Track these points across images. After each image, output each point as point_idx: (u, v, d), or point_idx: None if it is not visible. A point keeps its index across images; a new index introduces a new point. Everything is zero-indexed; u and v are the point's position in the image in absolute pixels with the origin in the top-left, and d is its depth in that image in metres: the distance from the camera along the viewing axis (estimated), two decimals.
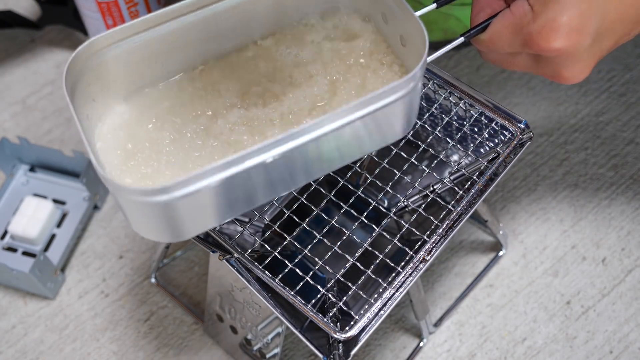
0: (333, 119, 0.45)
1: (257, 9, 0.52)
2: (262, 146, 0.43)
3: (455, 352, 0.68)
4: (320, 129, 0.45)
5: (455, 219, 0.54)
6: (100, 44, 0.47)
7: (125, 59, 0.50)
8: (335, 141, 0.46)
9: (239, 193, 0.46)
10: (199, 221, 0.46)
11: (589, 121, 0.81)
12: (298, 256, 0.54)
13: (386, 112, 0.46)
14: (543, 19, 0.46)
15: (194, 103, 0.53)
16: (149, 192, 0.42)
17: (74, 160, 0.76)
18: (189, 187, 0.43)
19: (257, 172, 0.45)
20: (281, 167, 0.45)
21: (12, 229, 0.73)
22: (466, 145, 0.60)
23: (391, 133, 0.50)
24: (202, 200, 0.44)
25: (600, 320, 0.69)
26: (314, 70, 0.53)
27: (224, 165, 0.43)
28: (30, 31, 0.93)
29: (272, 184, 0.47)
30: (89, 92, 0.49)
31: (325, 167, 0.49)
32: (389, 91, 0.45)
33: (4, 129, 0.85)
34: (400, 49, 0.52)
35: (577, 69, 0.48)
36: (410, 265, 0.52)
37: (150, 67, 0.51)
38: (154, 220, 0.45)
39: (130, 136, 0.51)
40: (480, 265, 0.73)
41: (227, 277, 0.59)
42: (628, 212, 0.75)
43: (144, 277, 0.74)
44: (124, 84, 0.51)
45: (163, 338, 0.70)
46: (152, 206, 0.43)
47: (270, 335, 0.61)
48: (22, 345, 0.70)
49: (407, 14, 0.48)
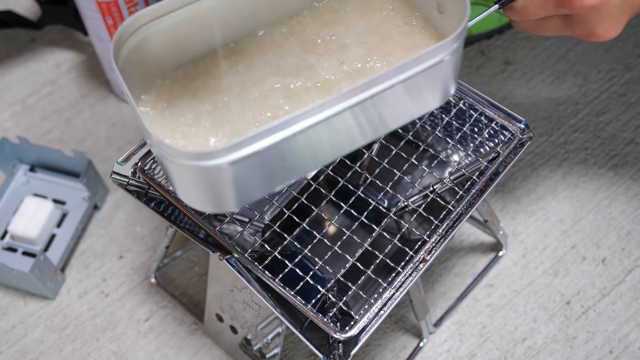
0: (386, 77, 0.45)
1: None
2: (325, 102, 0.43)
3: (455, 352, 0.68)
4: (377, 86, 0.45)
5: (455, 219, 0.54)
6: (143, 19, 0.47)
7: (166, 36, 0.49)
8: (386, 102, 0.47)
9: (294, 156, 0.46)
10: (254, 187, 0.46)
11: (589, 121, 0.81)
12: (298, 256, 0.54)
13: (432, 72, 0.47)
14: None
15: (230, 76, 0.52)
16: (207, 155, 0.41)
17: (74, 160, 0.76)
18: (248, 147, 0.42)
19: (317, 131, 0.45)
20: (335, 129, 0.45)
21: (12, 229, 0.73)
22: (466, 145, 0.60)
23: (432, 99, 0.50)
24: (259, 163, 0.44)
25: (600, 320, 0.69)
26: (348, 40, 0.53)
27: (282, 125, 0.43)
28: (30, 31, 0.93)
29: (332, 144, 0.47)
30: (132, 71, 0.49)
31: (369, 135, 0.49)
32: (437, 50, 0.45)
33: (4, 129, 0.85)
34: (436, 17, 0.52)
35: (609, 25, 0.49)
36: (410, 265, 0.52)
37: (189, 43, 0.51)
38: (209, 187, 0.44)
39: (172, 110, 0.51)
40: (480, 265, 0.73)
41: (227, 277, 0.59)
42: (628, 212, 0.75)
43: (144, 277, 0.74)
44: (164, 60, 0.51)
45: (163, 338, 0.70)
46: (211, 171, 0.42)
47: (270, 335, 0.61)
48: (22, 345, 0.70)
49: None
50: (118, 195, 0.79)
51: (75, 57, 0.91)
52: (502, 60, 0.86)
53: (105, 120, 0.85)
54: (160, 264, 0.73)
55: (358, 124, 0.47)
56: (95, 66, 0.89)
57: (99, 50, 0.80)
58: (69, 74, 0.89)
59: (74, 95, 0.87)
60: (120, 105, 0.86)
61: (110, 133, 0.84)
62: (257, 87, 0.51)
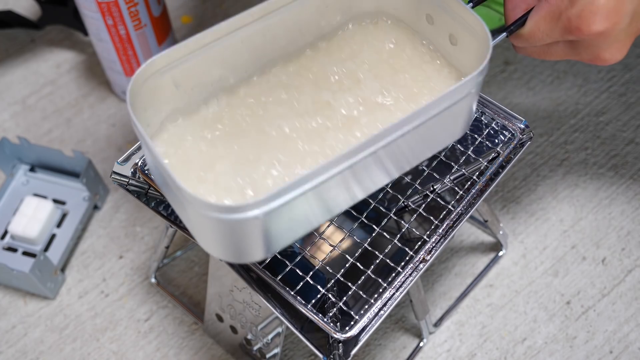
0: (413, 118, 0.45)
1: (301, 19, 0.52)
2: (352, 149, 0.43)
3: (455, 352, 0.68)
4: (404, 127, 0.45)
5: (455, 219, 0.54)
6: (156, 65, 0.47)
7: (178, 78, 0.49)
8: (415, 138, 0.47)
9: (321, 203, 0.46)
10: (282, 236, 0.46)
11: (589, 121, 0.81)
12: (298, 256, 0.54)
13: (455, 108, 0.47)
14: (581, 3, 0.46)
15: (245, 119, 0.52)
16: (238, 208, 0.41)
17: (74, 160, 0.76)
18: (273, 202, 0.42)
19: (345, 176, 0.45)
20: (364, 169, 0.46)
21: (12, 229, 0.73)
22: (466, 146, 0.60)
23: (456, 131, 0.50)
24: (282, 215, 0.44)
25: (600, 320, 0.69)
26: (361, 74, 0.53)
27: (309, 175, 0.42)
28: (30, 31, 0.93)
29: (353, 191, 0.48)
30: (145, 117, 0.49)
31: (397, 169, 0.49)
32: (461, 87, 0.46)
33: (4, 129, 0.85)
34: (448, 48, 0.52)
35: (615, 49, 0.49)
36: (410, 265, 0.52)
37: (201, 84, 0.51)
38: (236, 239, 0.44)
39: (185, 153, 0.50)
40: (480, 265, 0.73)
41: (227, 277, 0.59)
42: (628, 212, 0.75)
43: (144, 277, 0.74)
44: (177, 102, 0.51)
45: (163, 338, 0.70)
46: (241, 223, 0.42)
47: (270, 335, 0.61)
48: (22, 345, 0.70)
49: (459, 9, 0.49)
50: (118, 195, 0.79)
51: (75, 57, 0.91)
52: (502, 60, 0.86)
53: (105, 120, 0.85)
54: (160, 264, 0.73)
55: (383, 165, 0.47)
56: (95, 66, 0.89)
57: (99, 50, 0.80)
58: (69, 74, 0.89)
59: (74, 95, 0.87)
60: (120, 105, 0.86)
61: (110, 133, 0.84)
62: (273, 128, 0.51)
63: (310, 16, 0.53)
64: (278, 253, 0.54)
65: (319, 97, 0.52)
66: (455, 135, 0.51)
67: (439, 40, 0.53)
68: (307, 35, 0.54)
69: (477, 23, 0.48)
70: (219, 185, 0.49)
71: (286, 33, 0.52)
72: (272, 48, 0.53)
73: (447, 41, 0.52)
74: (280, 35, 0.52)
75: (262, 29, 0.51)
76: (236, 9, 0.94)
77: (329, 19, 0.54)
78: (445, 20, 0.51)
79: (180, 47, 0.47)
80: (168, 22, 0.81)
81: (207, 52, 0.49)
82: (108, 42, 0.78)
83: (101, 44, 0.79)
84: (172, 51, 0.47)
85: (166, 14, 0.81)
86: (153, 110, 0.49)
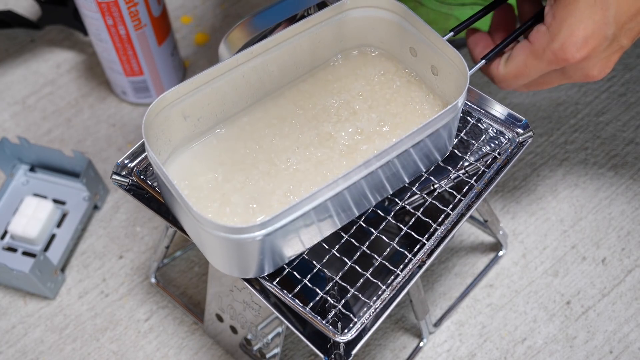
0: (406, 142, 0.50)
1: (296, 54, 0.57)
2: (351, 170, 0.48)
3: (455, 352, 0.68)
4: (397, 149, 0.50)
5: (455, 221, 0.54)
6: (166, 100, 0.52)
7: (185, 113, 0.54)
8: (402, 162, 0.52)
9: (320, 221, 0.50)
10: (280, 255, 0.51)
11: (589, 121, 0.81)
12: (297, 259, 0.54)
13: (437, 135, 0.52)
14: (562, 36, 0.51)
15: (249, 148, 0.56)
16: (238, 230, 0.46)
17: (74, 160, 0.76)
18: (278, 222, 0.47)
19: (341, 197, 0.49)
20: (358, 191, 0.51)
21: (12, 229, 0.73)
22: (466, 146, 0.60)
23: (440, 152, 0.56)
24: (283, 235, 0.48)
25: (600, 320, 0.69)
26: (357, 105, 0.58)
27: (310, 197, 0.47)
28: (30, 31, 0.93)
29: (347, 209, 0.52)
30: (156, 146, 0.53)
31: (392, 186, 0.54)
32: (442, 116, 0.50)
33: (4, 129, 0.85)
34: (430, 78, 0.57)
35: (601, 66, 0.53)
36: (409, 268, 0.52)
37: (204, 118, 0.55)
38: (240, 256, 0.49)
39: (193, 181, 0.54)
40: (480, 265, 0.73)
41: (227, 277, 0.59)
42: (628, 212, 0.75)
43: (144, 277, 0.74)
44: (183, 135, 0.55)
45: (163, 338, 0.70)
46: (241, 244, 0.47)
47: (270, 335, 0.61)
48: (22, 345, 0.70)
49: (438, 43, 0.53)
50: (118, 195, 0.79)
51: (75, 57, 0.91)
52: None
53: (105, 120, 0.85)
54: (160, 264, 0.73)
55: (378, 183, 0.52)
56: (95, 66, 0.89)
57: (98, 50, 0.80)
58: (69, 74, 0.89)
59: (74, 95, 0.87)
60: (120, 105, 0.86)
61: (110, 133, 0.84)
62: (282, 161, 0.55)
63: (305, 51, 0.57)
64: None
65: (322, 129, 0.57)
66: (442, 153, 0.56)
67: (422, 71, 0.57)
68: (301, 68, 0.59)
69: (456, 56, 0.52)
70: (235, 216, 0.53)
71: (282, 67, 0.57)
72: (269, 81, 0.57)
73: (430, 72, 0.56)
74: (277, 69, 0.57)
75: (261, 63, 0.55)
76: (236, 9, 0.94)
77: (321, 52, 0.59)
78: (427, 53, 0.55)
79: (189, 82, 0.52)
80: (168, 22, 0.81)
81: (212, 86, 0.54)
82: (108, 42, 0.78)
83: (101, 44, 0.79)
84: (182, 86, 0.52)
85: (166, 14, 0.81)
86: (164, 140, 0.53)
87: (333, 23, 0.57)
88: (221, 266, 0.51)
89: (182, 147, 0.55)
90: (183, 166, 0.55)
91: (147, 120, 0.50)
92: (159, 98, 0.51)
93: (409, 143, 0.50)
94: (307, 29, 0.56)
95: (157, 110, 0.51)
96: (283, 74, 0.58)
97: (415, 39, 0.56)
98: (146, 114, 0.50)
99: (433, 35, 0.53)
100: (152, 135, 0.51)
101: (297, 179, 0.54)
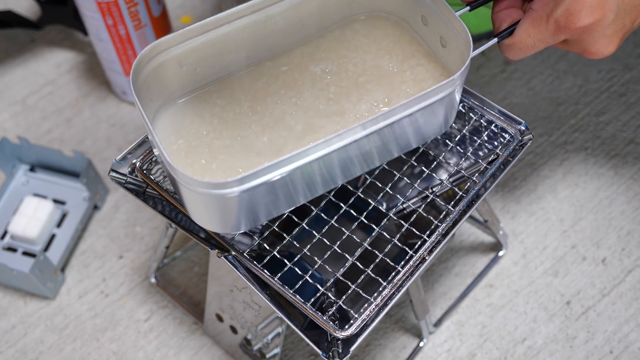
0: (399, 111, 0.49)
1: (303, 12, 0.55)
2: (338, 135, 0.47)
3: (455, 352, 0.68)
4: (391, 118, 0.48)
5: (455, 219, 0.54)
6: (160, 47, 0.51)
7: (181, 61, 0.53)
8: (395, 132, 0.50)
9: (301, 185, 0.50)
10: (262, 212, 0.50)
11: (589, 121, 0.81)
12: (297, 256, 0.54)
13: (434, 108, 0.50)
14: (566, 3, 0.50)
15: (245, 106, 0.55)
16: (216, 185, 0.45)
17: (74, 160, 0.76)
18: (253, 181, 0.46)
19: (327, 161, 0.48)
20: (349, 156, 0.49)
21: (12, 229, 0.73)
22: (465, 147, 0.60)
23: (437, 127, 0.54)
24: (263, 192, 0.48)
25: (600, 320, 0.69)
26: (363, 70, 0.56)
27: (297, 156, 0.46)
28: (30, 31, 0.93)
29: (334, 175, 0.51)
30: (149, 93, 0.52)
31: (383, 157, 0.53)
32: (439, 88, 0.49)
33: (4, 129, 0.85)
34: (439, 50, 0.55)
35: (602, 43, 0.52)
36: (410, 264, 0.52)
37: (202, 69, 0.54)
38: (221, 211, 0.48)
39: (183, 133, 0.53)
40: (480, 265, 0.73)
41: (227, 277, 0.59)
42: (628, 212, 0.75)
43: (144, 277, 0.74)
44: (178, 85, 0.54)
45: (163, 338, 0.70)
46: (219, 199, 0.46)
47: (270, 335, 0.61)
48: (22, 345, 0.70)
49: (448, 15, 0.52)
50: (118, 195, 0.79)
51: (75, 57, 0.91)
52: (502, 60, 0.86)
53: (105, 120, 0.85)
54: (160, 264, 0.73)
55: (366, 152, 0.51)
56: (95, 66, 0.89)
57: (99, 50, 0.81)
58: (69, 74, 0.89)
59: (74, 95, 0.87)
60: (120, 105, 0.86)
61: (110, 133, 0.84)
62: (276, 122, 0.54)
63: (312, 10, 0.55)
64: (277, 252, 0.54)
65: (320, 94, 0.55)
66: (438, 130, 0.54)
67: (432, 41, 0.56)
68: (308, 28, 0.56)
69: (462, 30, 0.51)
70: (218, 170, 0.52)
71: (287, 25, 0.55)
72: (273, 38, 0.55)
73: (439, 43, 0.55)
74: (281, 27, 0.55)
75: (264, 18, 0.53)
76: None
77: (329, 13, 0.57)
78: (437, 23, 0.54)
79: (185, 31, 0.51)
80: (168, 22, 0.81)
81: (210, 36, 0.52)
82: (108, 42, 0.78)
83: (101, 44, 0.79)
84: (177, 35, 0.51)
85: (166, 14, 0.81)
86: (157, 88, 0.52)
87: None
88: (199, 220, 0.51)
89: (177, 98, 0.54)
90: (176, 119, 0.54)
91: (136, 67, 0.49)
92: (152, 44, 0.50)
93: (401, 114, 0.49)
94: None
95: (150, 57, 0.51)
96: (288, 32, 0.56)
97: (427, 6, 0.54)
98: (136, 60, 0.49)
99: (443, 6, 0.52)
100: (143, 84, 0.51)
101: (289, 139, 0.53)
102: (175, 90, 0.54)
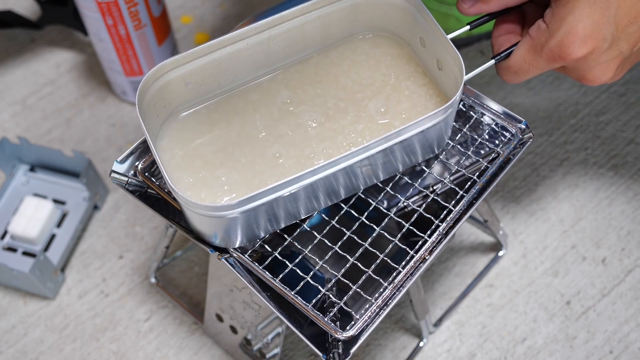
0: (389, 139, 0.50)
1: (305, 32, 0.57)
2: (329, 162, 0.48)
3: (455, 352, 0.68)
4: (382, 145, 0.50)
5: (456, 219, 0.54)
6: (166, 68, 0.52)
7: (186, 80, 0.54)
8: (392, 155, 0.52)
9: (299, 203, 0.51)
10: (259, 229, 0.52)
11: (589, 121, 0.81)
12: (298, 257, 0.54)
13: (426, 133, 0.52)
14: (560, 33, 0.50)
15: (243, 119, 0.56)
16: (215, 208, 0.47)
17: (74, 160, 0.76)
18: (251, 203, 0.48)
19: (325, 182, 0.50)
20: (339, 180, 0.51)
21: (12, 229, 0.73)
22: (466, 146, 0.60)
23: (430, 150, 0.55)
24: (260, 212, 0.49)
25: (600, 320, 0.69)
26: (362, 89, 0.57)
27: (298, 178, 0.48)
28: (30, 31, 0.93)
29: (335, 192, 0.53)
30: (154, 110, 0.54)
31: (379, 176, 0.55)
32: (432, 116, 0.50)
33: (4, 129, 0.85)
34: (436, 72, 0.56)
35: (599, 70, 0.52)
36: (411, 264, 0.52)
37: (206, 86, 0.56)
38: (219, 230, 0.50)
39: (185, 148, 0.55)
40: (480, 265, 0.73)
41: (227, 277, 0.59)
42: (628, 212, 0.75)
43: (144, 277, 0.74)
44: (182, 100, 0.56)
45: (163, 338, 0.70)
46: (217, 220, 0.48)
47: (270, 335, 0.61)
48: (22, 345, 0.70)
49: (442, 40, 0.53)
50: (118, 195, 0.79)
51: (75, 57, 0.91)
52: None
53: (105, 120, 0.85)
54: (160, 264, 0.73)
55: (362, 174, 0.53)
56: (95, 66, 0.89)
57: (98, 50, 0.80)
58: (69, 74, 0.89)
59: (74, 95, 0.87)
60: (120, 105, 0.86)
61: (110, 133, 0.84)
62: (276, 138, 0.55)
63: (314, 29, 0.57)
64: (278, 253, 0.54)
65: (322, 110, 0.56)
66: (428, 153, 0.56)
67: (429, 63, 0.57)
68: (310, 47, 0.58)
69: (456, 56, 0.52)
70: (216, 186, 0.53)
71: (290, 44, 0.57)
72: (277, 57, 0.57)
73: (436, 66, 0.56)
74: (284, 46, 0.57)
75: (267, 39, 0.55)
76: (236, 9, 0.94)
77: (331, 32, 0.58)
78: (434, 46, 0.55)
79: (190, 53, 0.53)
80: (168, 22, 0.81)
81: (215, 56, 0.54)
82: (108, 42, 0.78)
83: (101, 44, 0.79)
84: (182, 56, 0.53)
85: (166, 14, 0.81)
86: (162, 104, 0.53)
87: (347, 3, 0.57)
88: (200, 234, 0.53)
89: (182, 111, 0.56)
90: (179, 132, 0.55)
91: (142, 88, 0.51)
92: (158, 66, 0.52)
93: (391, 142, 0.50)
94: (318, 9, 0.56)
95: (156, 78, 0.52)
96: (289, 51, 0.57)
97: (425, 29, 0.56)
98: (142, 82, 0.51)
99: (439, 32, 0.53)
100: (149, 103, 0.52)
101: (289, 155, 0.55)
102: (180, 105, 0.56)
